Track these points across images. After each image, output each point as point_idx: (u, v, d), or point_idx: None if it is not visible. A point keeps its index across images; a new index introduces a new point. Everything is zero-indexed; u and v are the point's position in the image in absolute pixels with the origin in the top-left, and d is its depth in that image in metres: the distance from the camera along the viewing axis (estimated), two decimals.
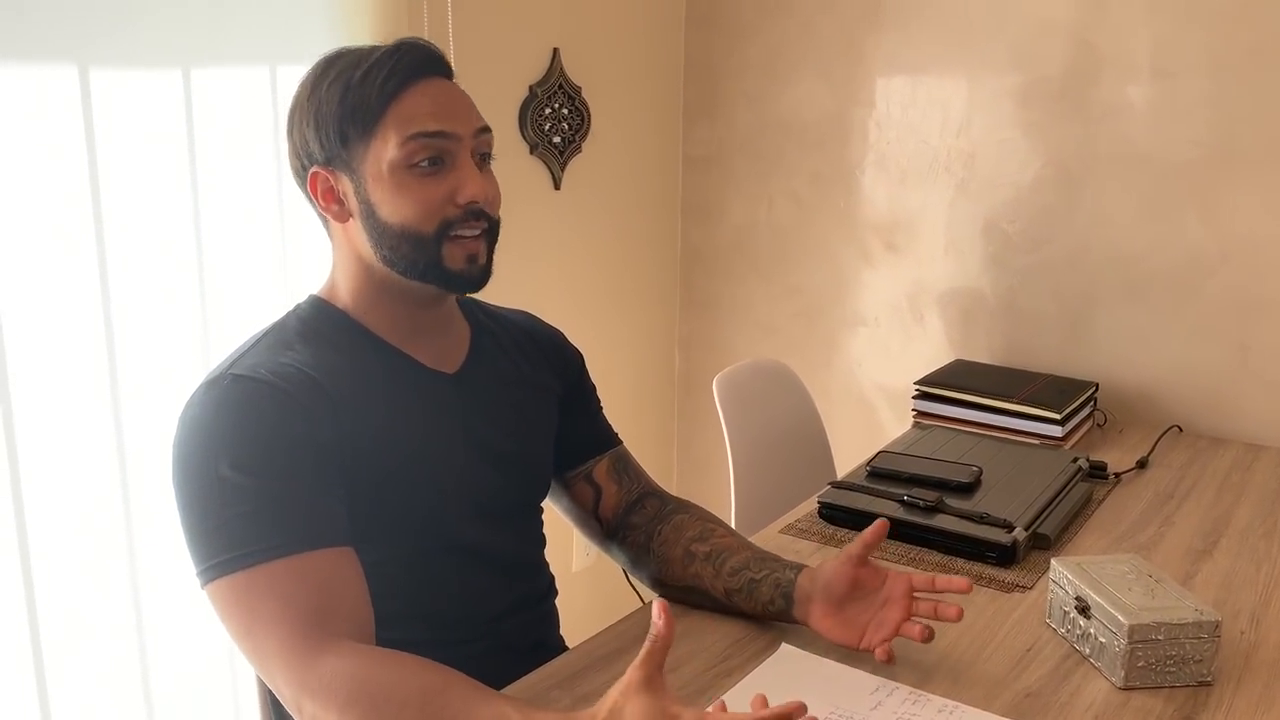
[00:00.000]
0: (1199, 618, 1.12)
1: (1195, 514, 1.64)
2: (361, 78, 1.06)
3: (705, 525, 1.29)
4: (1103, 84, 2.07)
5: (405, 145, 1.06)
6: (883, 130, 2.34)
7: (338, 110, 1.07)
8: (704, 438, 2.73)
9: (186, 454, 1.01)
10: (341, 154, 1.08)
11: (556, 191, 2.35)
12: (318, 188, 1.11)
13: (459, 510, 1.15)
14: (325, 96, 1.08)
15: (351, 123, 1.07)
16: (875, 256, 2.39)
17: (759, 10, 2.46)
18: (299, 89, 1.11)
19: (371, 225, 1.09)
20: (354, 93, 1.06)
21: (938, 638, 1.23)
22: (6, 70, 1.44)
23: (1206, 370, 2.05)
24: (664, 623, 0.86)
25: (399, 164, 1.06)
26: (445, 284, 1.12)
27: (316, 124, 1.08)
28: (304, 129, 1.10)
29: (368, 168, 1.08)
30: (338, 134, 1.07)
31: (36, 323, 1.52)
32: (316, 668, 0.94)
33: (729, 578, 1.23)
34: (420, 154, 1.07)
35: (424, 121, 1.07)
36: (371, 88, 1.06)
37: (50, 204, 1.51)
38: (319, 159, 1.10)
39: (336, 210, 1.11)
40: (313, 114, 1.09)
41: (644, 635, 0.86)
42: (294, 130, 1.11)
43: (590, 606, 1.88)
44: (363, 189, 1.08)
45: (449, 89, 1.11)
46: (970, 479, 1.60)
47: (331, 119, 1.07)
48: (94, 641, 1.64)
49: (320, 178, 1.11)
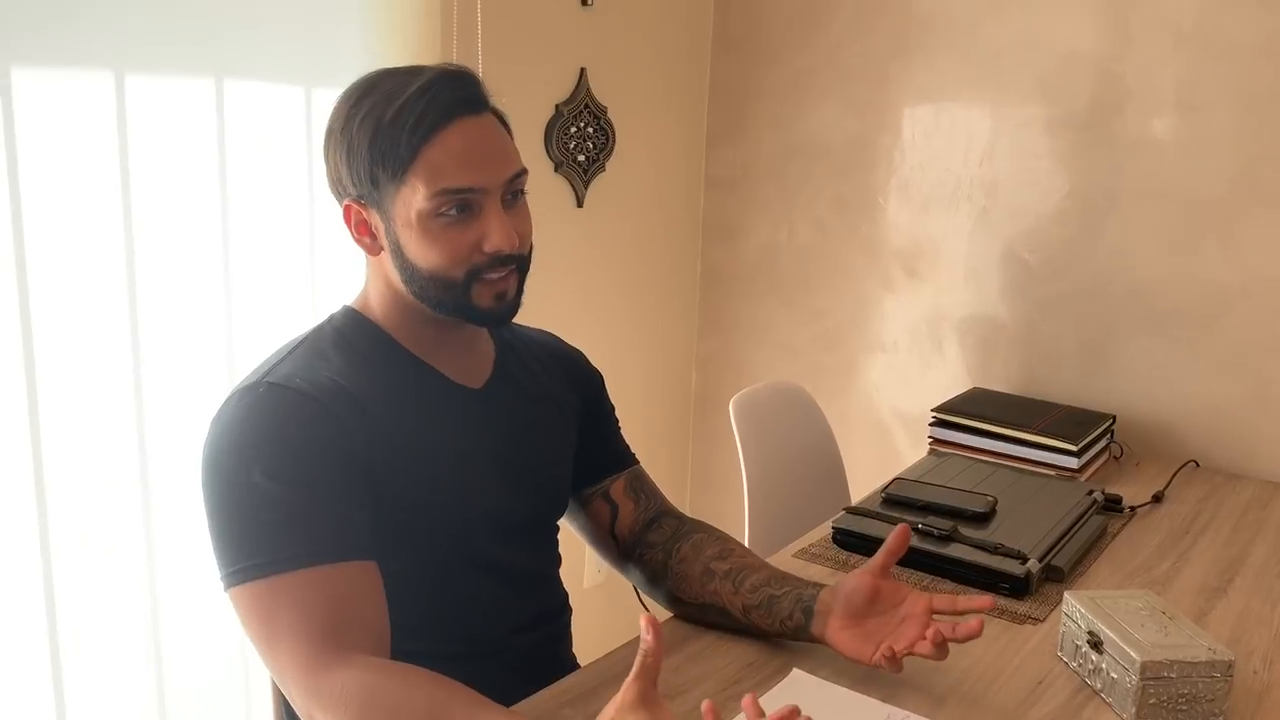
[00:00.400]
0: (1212, 656, 1.12)
1: (1211, 550, 1.63)
2: (392, 120, 1.05)
3: (724, 545, 1.30)
4: (1127, 117, 2.07)
5: (433, 199, 1.06)
6: (906, 157, 2.34)
7: (368, 153, 1.06)
8: (719, 458, 2.73)
9: (218, 458, 1.02)
10: (373, 194, 1.09)
11: (579, 209, 2.37)
12: (351, 219, 1.12)
13: (480, 525, 1.16)
14: (357, 134, 1.07)
15: (381, 167, 1.06)
16: (896, 282, 2.40)
17: (786, 36, 2.48)
18: (334, 112, 1.11)
19: (401, 264, 1.10)
20: (384, 136, 1.05)
21: (949, 666, 1.23)
22: (46, 76, 1.47)
23: (1225, 405, 2.05)
24: (653, 636, 0.86)
25: (427, 214, 1.06)
26: (474, 320, 1.13)
27: (349, 160, 1.08)
28: (337, 160, 1.10)
29: (397, 211, 1.08)
30: (368, 175, 1.07)
31: (66, 327, 1.54)
32: (329, 679, 0.95)
33: (749, 594, 1.24)
34: (447, 206, 1.06)
35: (453, 176, 1.05)
36: (401, 133, 1.04)
37: (83, 209, 1.54)
38: (351, 194, 1.11)
39: (369, 243, 1.13)
40: (345, 149, 1.08)
41: None
42: (329, 156, 1.12)
43: (601, 624, 1.89)
44: (392, 230, 1.09)
45: (481, 133, 1.09)
46: (985, 509, 1.60)
47: (362, 160, 1.07)
48: (109, 643, 1.65)
49: (353, 211, 1.12)
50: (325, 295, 1.83)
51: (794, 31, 2.46)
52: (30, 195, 1.47)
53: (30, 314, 1.50)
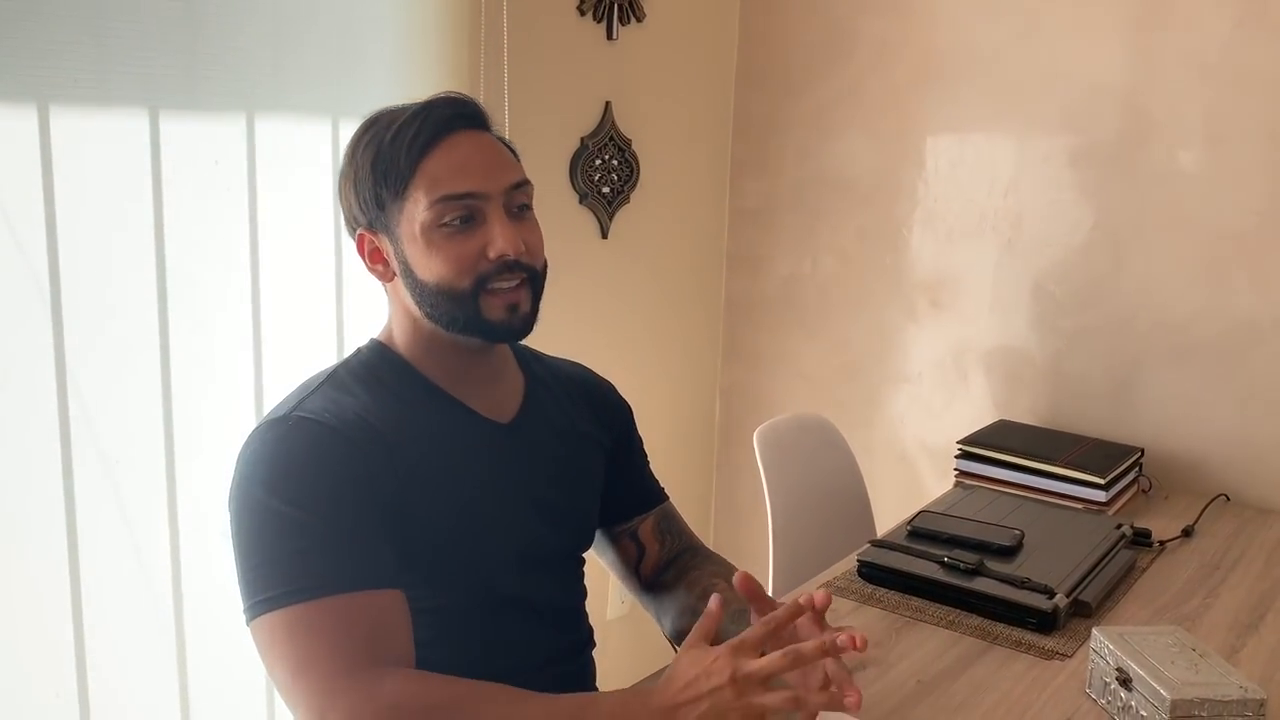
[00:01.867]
0: (1244, 695, 1.10)
1: (1242, 586, 1.61)
2: (391, 139, 1.09)
3: (711, 581, 1.28)
4: (1153, 148, 2.07)
5: (434, 207, 1.08)
6: (930, 188, 2.35)
7: (371, 175, 1.10)
8: (743, 490, 2.72)
9: (247, 488, 1.02)
10: (380, 217, 1.11)
11: (604, 240, 2.38)
12: (364, 249, 1.15)
13: (504, 560, 1.15)
14: (361, 161, 1.11)
15: (384, 186, 1.09)
16: (920, 313, 2.39)
17: (809, 70, 2.49)
18: (344, 155, 1.15)
19: (411, 283, 1.11)
20: (384, 156, 1.09)
21: (975, 702, 1.22)
22: (81, 114, 1.50)
23: (1256, 439, 2.02)
24: (715, 605, 1.02)
25: (429, 225, 1.08)
26: (485, 335, 1.13)
27: (356, 188, 1.12)
28: (347, 192, 1.14)
29: (402, 229, 1.10)
30: (373, 198, 1.10)
31: (98, 359, 1.56)
32: (378, 689, 0.93)
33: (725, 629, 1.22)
34: (449, 214, 1.08)
35: (451, 183, 1.08)
36: (400, 149, 1.08)
37: (116, 244, 1.56)
38: (362, 223, 1.14)
39: (382, 270, 1.15)
40: (353, 178, 1.12)
41: None
42: (342, 194, 1.15)
43: (625, 656, 1.88)
44: (400, 249, 1.11)
45: (477, 144, 1.12)
46: (1012, 542, 1.59)
47: (367, 183, 1.10)
48: (136, 672, 1.66)
49: (365, 240, 1.14)
50: (353, 329, 1.85)
51: (817, 64, 2.48)
52: (66, 230, 1.50)
53: (64, 347, 1.52)
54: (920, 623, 1.44)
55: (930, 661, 1.33)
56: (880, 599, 1.51)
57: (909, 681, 1.28)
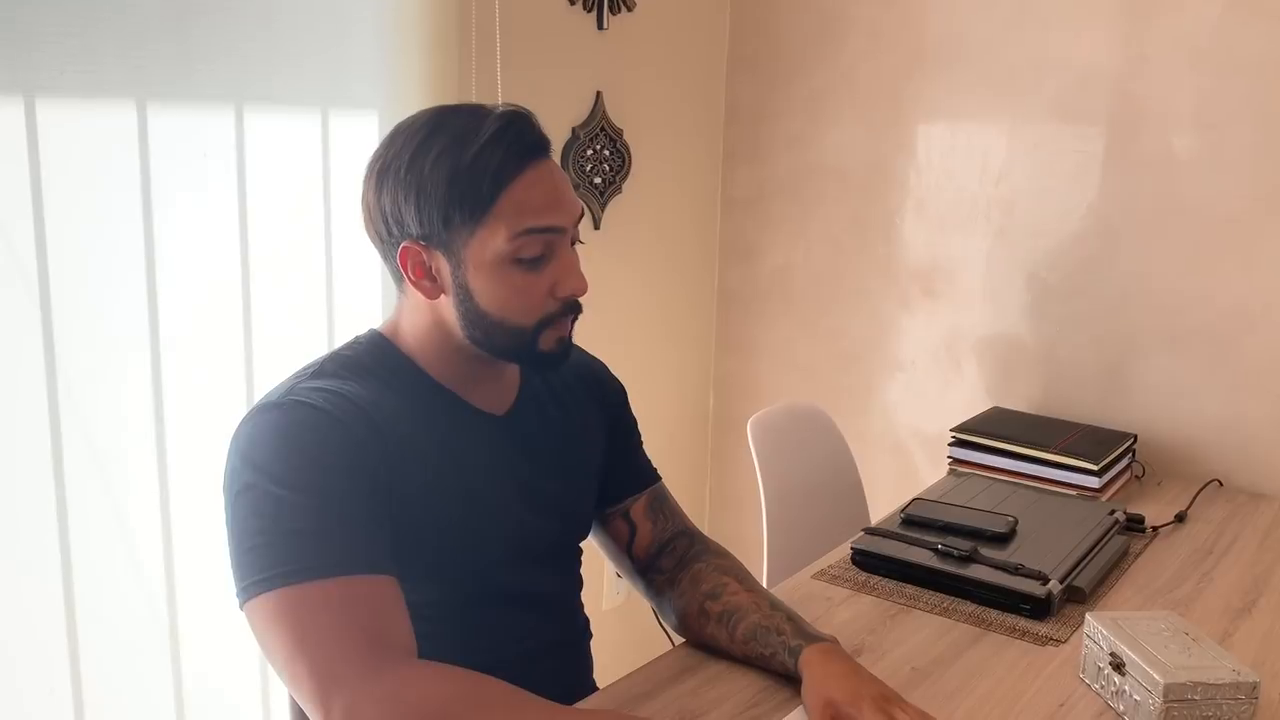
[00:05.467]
0: (1237, 678, 1.11)
1: (1235, 571, 1.61)
2: (471, 161, 1.04)
3: (719, 579, 1.27)
4: (1145, 135, 2.07)
5: (515, 240, 1.05)
6: (922, 176, 2.34)
7: (445, 193, 1.05)
8: (737, 480, 2.73)
9: (241, 471, 1.01)
10: (442, 235, 1.07)
11: (596, 231, 2.38)
12: (408, 261, 1.09)
13: (499, 553, 1.15)
14: (430, 175, 1.05)
15: (459, 208, 1.05)
16: (913, 302, 2.39)
17: (801, 57, 2.49)
18: (391, 150, 1.08)
19: (466, 309, 1.09)
20: (464, 178, 1.04)
21: (969, 690, 1.22)
22: (68, 106, 1.49)
23: (1248, 424, 2.03)
24: None
25: (506, 257, 1.06)
26: (534, 366, 1.15)
27: (418, 201, 1.06)
28: (399, 198, 1.07)
29: (470, 254, 1.06)
30: (441, 217, 1.06)
31: (89, 349, 1.55)
32: (383, 679, 0.92)
33: (743, 644, 1.22)
34: (529, 249, 1.06)
35: (537, 216, 1.06)
36: (483, 175, 1.04)
37: (105, 235, 1.56)
38: (414, 234, 1.08)
39: (428, 286, 1.10)
40: (414, 189, 1.06)
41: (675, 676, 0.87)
42: (383, 193, 1.08)
43: (620, 646, 1.88)
44: (461, 273, 1.08)
45: (555, 175, 1.10)
46: (1005, 529, 1.59)
47: (436, 201, 1.05)
48: (129, 659, 1.66)
49: (412, 253, 1.09)
50: (343, 320, 1.85)
51: (810, 52, 2.47)
52: (54, 223, 1.49)
53: (54, 336, 1.51)
54: (914, 610, 1.44)
55: (924, 648, 1.33)
56: (874, 586, 1.52)
57: (903, 668, 1.28)
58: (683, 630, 1.29)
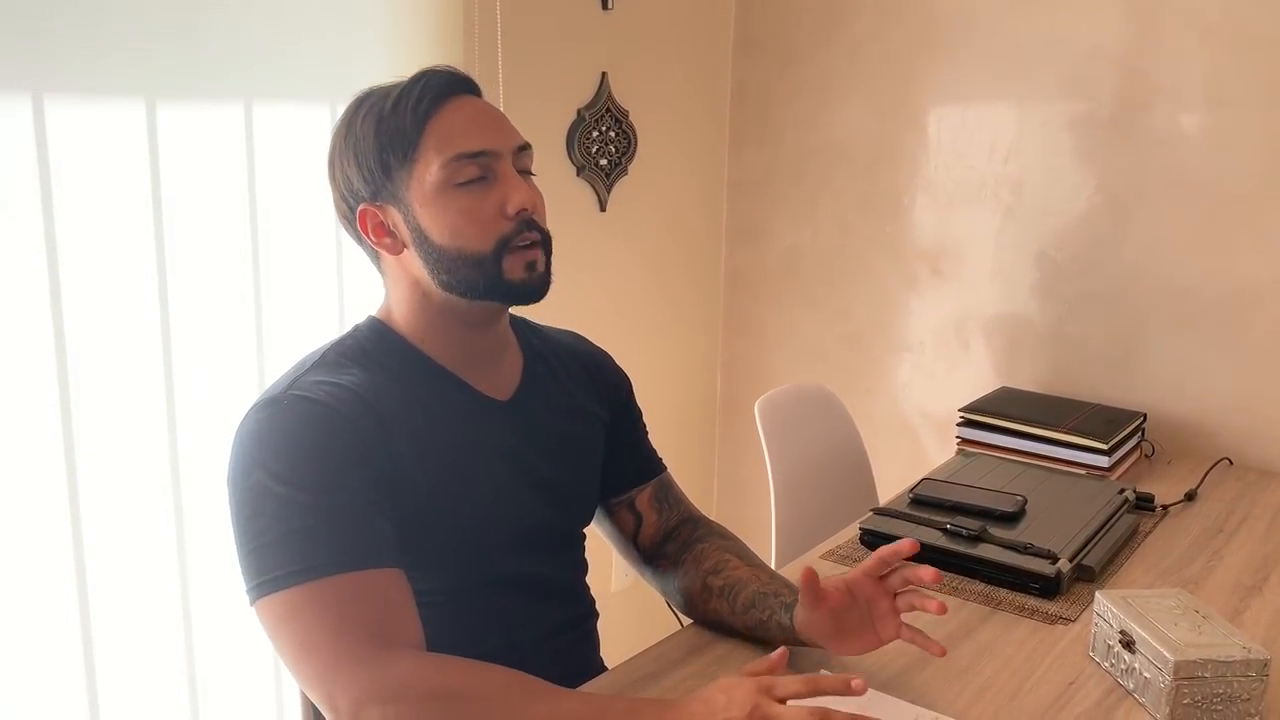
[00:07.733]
0: (1247, 655, 1.10)
1: (1245, 549, 1.61)
2: (393, 106, 1.08)
3: (721, 556, 1.28)
4: (1154, 112, 2.05)
5: (447, 166, 1.07)
6: (931, 156, 2.33)
7: (375, 142, 1.08)
8: (745, 461, 2.72)
9: (244, 470, 1.01)
10: (386, 185, 1.09)
11: (602, 213, 2.37)
12: (367, 224, 1.12)
13: (502, 539, 1.15)
14: (361, 132, 1.09)
15: (391, 151, 1.08)
16: (921, 282, 2.39)
17: (808, 37, 2.47)
18: (334, 134, 1.13)
19: (426, 251, 1.10)
20: (388, 122, 1.08)
21: (979, 667, 1.22)
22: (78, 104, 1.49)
23: (1258, 403, 2.02)
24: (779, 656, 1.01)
25: (444, 184, 1.07)
26: (508, 298, 1.12)
27: (357, 161, 1.10)
28: (345, 169, 1.11)
29: (413, 194, 1.08)
30: (379, 165, 1.09)
31: (100, 344, 1.56)
32: (386, 672, 0.93)
33: (743, 614, 1.22)
34: (463, 172, 1.07)
35: (463, 141, 1.08)
36: (404, 113, 1.08)
37: (115, 232, 1.56)
38: (364, 195, 1.11)
39: (389, 243, 1.12)
40: (351, 152, 1.10)
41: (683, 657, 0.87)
42: (335, 174, 1.13)
43: (628, 627, 1.88)
44: (411, 216, 1.09)
45: (482, 105, 1.12)
46: (1014, 508, 1.59)
47: (370, 152, 1.09)
48: (142, 655, 1.67)
49: (369, 213, 1.11)
50: (353, 314, 1.84)
51: (816, 31, 2.46)
52: (64, 220, 1.49)
53: (65, 331, 1.52)
54: (925, 590, 1.44)
55: (934, 627, 1.33)
56: None
57: (912, 648, 1.27)
58: (689, 609, 1.29)
